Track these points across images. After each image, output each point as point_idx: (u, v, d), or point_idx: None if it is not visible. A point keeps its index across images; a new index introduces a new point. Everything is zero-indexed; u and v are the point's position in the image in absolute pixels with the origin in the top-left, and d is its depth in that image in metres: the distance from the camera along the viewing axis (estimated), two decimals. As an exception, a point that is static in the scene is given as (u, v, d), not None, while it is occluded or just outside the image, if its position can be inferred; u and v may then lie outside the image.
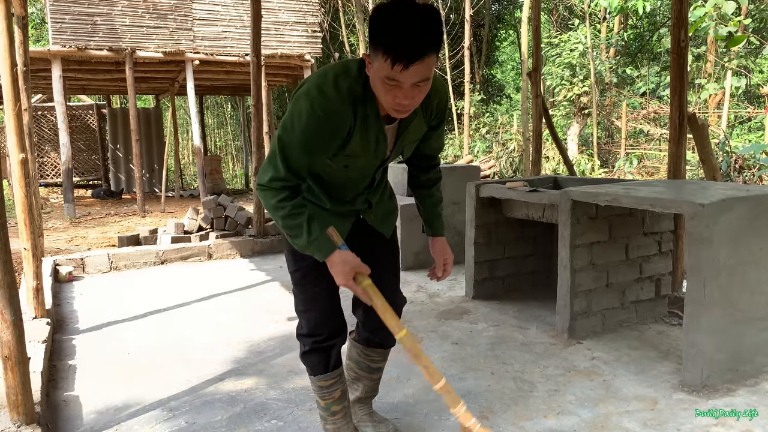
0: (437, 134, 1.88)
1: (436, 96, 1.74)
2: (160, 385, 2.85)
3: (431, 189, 2.06)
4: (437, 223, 2.08)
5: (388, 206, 2.03)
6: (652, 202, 2.80)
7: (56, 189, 14.06)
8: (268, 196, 1.67)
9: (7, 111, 3.09)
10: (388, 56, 1.45)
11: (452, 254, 2.07)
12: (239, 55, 10.78)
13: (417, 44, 1.44)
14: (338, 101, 1.59)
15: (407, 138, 1.79)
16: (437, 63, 1.54)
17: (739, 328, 2.68)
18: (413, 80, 1.48)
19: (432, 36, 1.46)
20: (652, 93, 14.31)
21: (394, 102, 1.54)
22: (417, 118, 1.74)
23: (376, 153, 1.75)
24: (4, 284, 2.14)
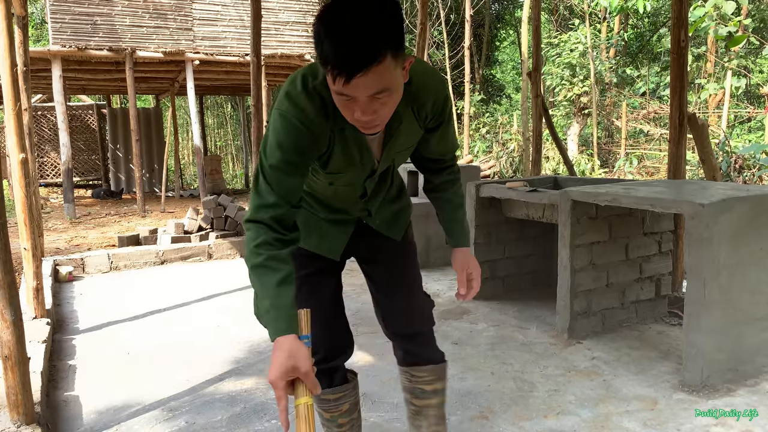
0: (439, 136, 1.63)
1: (429, 96, 1.50)
2: (160, 385, 2.85)
3: (447, 193, 1.79)
4: (458, 232, 1.81)
5: (395, 208, 1.81)
6: (652, 202, 2.80)
7: (56, 189, 14.05)
8: (251, 236, 1.37)
9: (7, 111, 3.09)
10: (327, 69, 1.21)
11: (478, 266, 1.78)
12: (239, 55, 10.78)
13: (355, 54, 1.16)
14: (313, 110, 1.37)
15: (396, 147, 1.56)
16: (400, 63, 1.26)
17: (739, 328, 2.68)
18: (366, 93, 1.22)
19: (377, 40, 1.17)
20: (652, 93, 14.31)
21: (354, 118, 1.29)
22: (405, 123, 1.50)
23: (362, 166, 1.55)
24: (4, 284, 2.14)
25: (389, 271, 1.82)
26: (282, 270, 1.33)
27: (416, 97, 1.45)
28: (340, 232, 1.74)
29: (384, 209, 1.77)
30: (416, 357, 1.84)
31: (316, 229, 1.74)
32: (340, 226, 1.74)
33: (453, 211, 1.81)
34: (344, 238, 1.75)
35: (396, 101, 1.30)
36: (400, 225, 1.82)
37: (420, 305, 1.85)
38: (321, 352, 1.73)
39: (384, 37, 1.18)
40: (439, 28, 17.58)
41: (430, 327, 1.86)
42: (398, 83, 1.27)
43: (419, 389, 1.86)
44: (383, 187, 1.73)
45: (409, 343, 1.83)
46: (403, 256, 1.85)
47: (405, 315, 1.82)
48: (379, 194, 1.73)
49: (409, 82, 1.39)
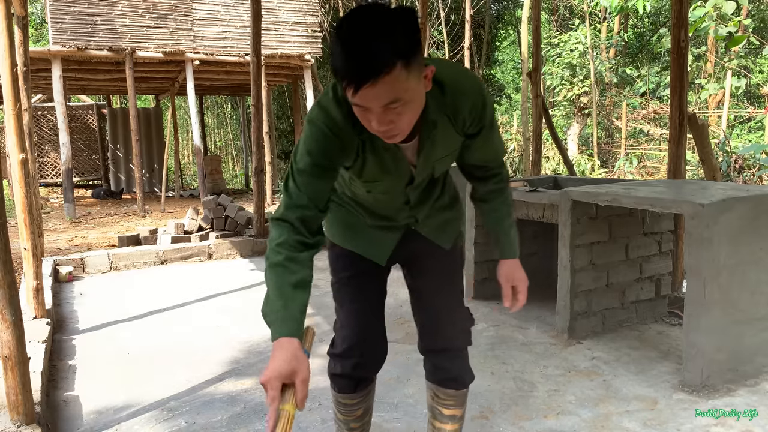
0: (481, 142, 1.54)
1: (466, 102, 1.43)
2: (160, 385, 2.85)
3: (493, 202, 1.73)
4: (504, 243, 1.75)
5: (445, 217, 1.75)
6: (652, 202, 2.80)
7: (56, 189, 14.05)
8: (274, 235, 1.38)
9: (7, 111, 3.09)
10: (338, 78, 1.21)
11: (525, 279, 1.73)
12: (239, 55, 10.78)
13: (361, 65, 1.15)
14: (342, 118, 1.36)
15: (433, 155, 1.51)
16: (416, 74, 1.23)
17: (739, 328, 2.68)
18: (378, 103, 1.20)
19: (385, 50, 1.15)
20: (652, 93, 14.31)
21: (371, 128, 1.27)
22: (440, 130, 1.45)
23: (399, 175, 1.52)
24: (4, 284, 2.14)
25: (431, 280, 1.78)
26: (299, 273, 1.33)
27: (450, 103, 1.41)
28: (387, 237, 1.72)
29: (433, 217, 1.72)
30: (444, 373, 1.78)
31: (364, 233, 1.72)
32: (387, 231, 1.71)
33: (499, 222, 1.75)
34: (391, 244, 1.72)
35: (414, 111, 1.27)
36: (450, 233, 1.77)
37: (457, 320, 1.78)
38: (355, 357, 1.71)
39: (393, 48, 1.15)
40: (439, 28, 17.58)
41: (464, 345, 1.79)
42: (414, 93, 1.24)
43: (438, 410, 1.83)
44: (431, 195, 1.68)
45: (439, 357, 1.78)
46: (448, 266, 1.79)
47: (439, 328, 1.76)
48: (427, 201, 1.68)
49: (442, 88, 1.37)
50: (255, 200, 6.05)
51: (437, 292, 1.77)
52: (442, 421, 1.83)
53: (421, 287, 1.79)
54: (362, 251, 1.72)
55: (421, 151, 1.47)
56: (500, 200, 1.73)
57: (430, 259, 1.76)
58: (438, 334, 1.76)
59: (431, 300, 1.77)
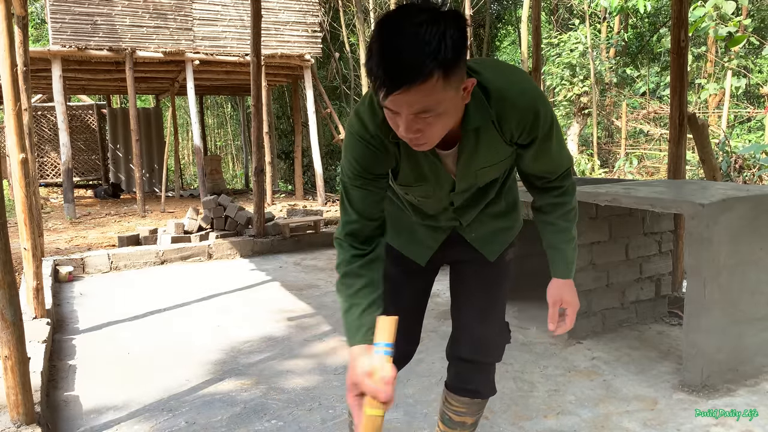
0: (536, 153, 1.44)
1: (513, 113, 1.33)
2: (160, 385, 2.85)
3: (551, 215, 1.61)
4: (557, 260, 1.61)
5: (497, 225, 1.67)
6: (652, 202, 2.80)
7: (56, 189, 14.05)
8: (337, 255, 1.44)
9: (7, 111, 3.09)
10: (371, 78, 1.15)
11: (576, 303, 1.58)
12: (239, 55, 10.78)
13: (396, 69, 1.08)
14: (374, 127, 1.33)
15: (475, 163, 1.42)
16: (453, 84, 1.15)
17: (739, 328, 2.68)
18: (409, 111, 1.15)
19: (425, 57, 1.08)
20: (652, 93, 14.31)
21: (399, 133, 1.22)
22: (485, 139, 1.37)
23: (438, 181, 1.46)
24: (4, 284, 2.14)
25: (469, 289, 1.72)
26: (355, 284, 1.37)
27: (496, 112, 1.33)
28: (431, 237, 1.66)
29: (481, 224, 1.64)
30: (464, 383, 1.73)
31: (407, 230, 1.68)
32: (432, 231, 1.66)
33: (554, 236, 1.61)
34: (433, 245, 1.66)
35: (446, 123, 1.21)
36: (499, 244, 1.69)
37: (491, 334, 1.71)
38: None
39: (434, 56, 1.08)
40: (439, 28, 17.56)
41: (492, 360, 1.73)
42: (449, 105, 1.17)
43: (447, 416, 1.79)
44: (481, 200, 1.59)
45: (462, 366, 1.73)
46: (490, 278, 1.71)
47: (468, 338, 1.71)
48: (475, 207, 1.60)
49: (487, 95, 1.30)
50: (255, 200, 6.05)
51: (473, 302, 1.72)
52: (450, 426, 1.79)
53: (459, 293, 1.76)
54: (403, 249, 1.69)
55: (460, 160, 1.41)
56: (559, 214, 1.60)
57: (472, 268, 1.71)
58: (465, 344, 1.71)
59: (466, 309, 1.72)
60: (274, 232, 6.22)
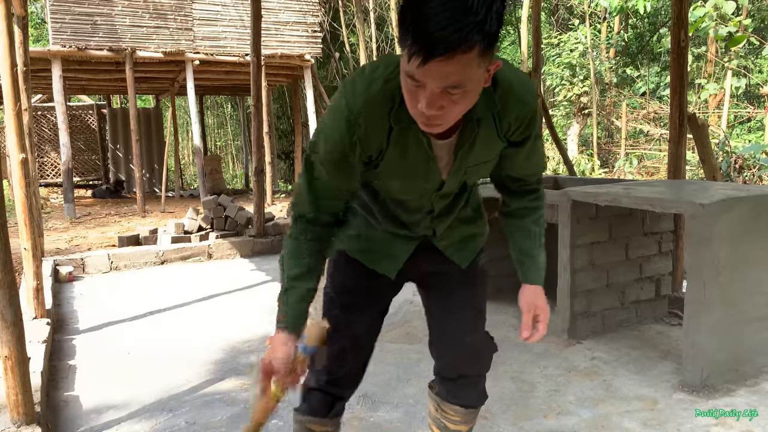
0: (525, 152, 1.39)
1: (515, 105, 1.28)
2: (160, 385, 2.85)
3: (524, 220, 1.54)
4: (529, 266, 1.54)
5: (467, 231, 1.58)
6: (652, 202, 2.80)
7: (56, 189, 14.04)
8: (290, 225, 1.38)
9: (7, 111, 3.09)
10: (406, 43, 1.04)
11: (548, 308, 1.51)
12: (239, 55, 10.78)
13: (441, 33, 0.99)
14: (364, 99, 1.22)
15: (470, 159, 1.33)
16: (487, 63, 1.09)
17: (739, 328, 2.68)
18: (439, 83, 1.06)
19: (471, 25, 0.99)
20: (652, 93, 14.31)
21: (417, 110, 1.12)
22: (483, 132, 1.29)
23: (426, 177, 1.34)
24: (4, 284, 2.14)
25: (449, 301, 1.61)
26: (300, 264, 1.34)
27: (500, 104, 1.27)
28: (400, 248, 1.54)
29: (452, 230, 1.55)
30: (457, 399, 1.66)
31: (373, 241, 1.55)
32: (401, 241, 1.54)
33: (528, 242, 1.55)
34: (403, 256, 1.55)
35: (468, 104, 1.14)
36: (471, 251, 1.60)
37: (480, 345, 1.63)
38: (336, 373, 1.57)
39: (479, 26, 1.00)
40: (440, 28, 17.56)
41: (484, 372, 1.66)
42: (477, 84, 1.11)
43: (443, 423, 1.71)
44: (456, 206, 1.50)
45: (452, 384, 1.64)
46: (469, 285, 1.62)
47: (460, 353, 1.62)
48: (451, 214, 1.50)
49: (495, 86, 1.23)
50: (255, 200, 6.05)
51: (458, 315, 1.61)
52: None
53: (440, 309, 1.64)
54: (370, 262, 1.55)
55: (458, 152, 1.31)
56: (532, 219, 1.54)
57: (448, 281, 1.60)
58: (456, 360, 1.62)
59: (451, 323, 1.61)
60: (274, 232, 6.22)
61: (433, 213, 1.47)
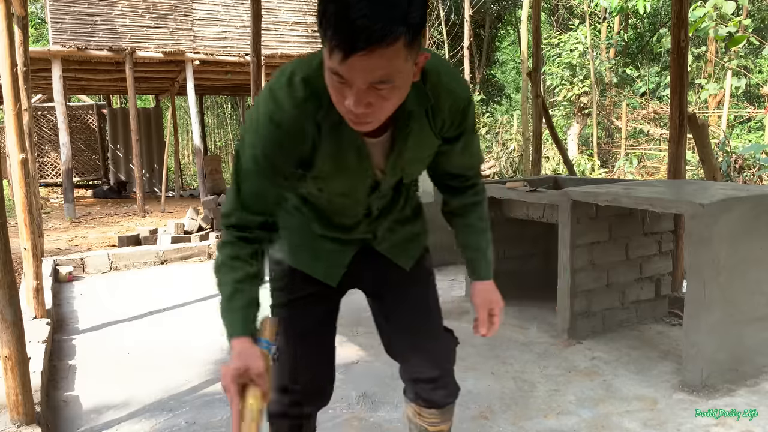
0: (461, 148, 1.37)
1: (447, 98, 1.25)
2: (160, 385, 2.85)
3: (469, 217, 1.52)
4: (480, 263, 1.54)
5: (408, 232, 1.54)
6: (652, 202, 2.80)
7: (56, 189, 14.04)
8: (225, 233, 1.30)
9: (7, 111, 3.09)
10: (326, 38, 1.00)
11: (501, 301, 1.52)
12: (239, 55, 10.78)
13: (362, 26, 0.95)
14: (292, 106, 1.16)
15: (405, 156, 1.30)
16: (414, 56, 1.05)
17: (739, 328, 2.68)
18: (365, 79, 1.01)
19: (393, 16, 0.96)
20: (652, 93, 14.31)
21: (344, 107, 1.08)
22: (417, 128, 1.26)
23: (361, 177, 1.30)
24: (4, 284, 2.14)
25: (403, 306, 1.56)
26: (240, 270, 1.25)
27: (432, 98, 1.24)
28: (340, 253, 1.49)
29: (393, 232, 1.50)
30: (430, 401, 1.60)
31: (311, 248, 1.48)
32: (340, 245, 1.48)
33: (475, 238, 1.53)
34: (344, 261, 1.49)
35: (398, 100, 1.10)
36: (413, 252, 1.56)
37: (441, 346, 1.60)
38: (295, 394, 1.49)
39: (402, 17, 0.97)
40: (439, 28, 17.59)
41: (451, 367, 1.62)
42: (406, 78, 1.07)
43: (424, 428, 1.67)
44: (395, 207, 1.46)
45: (427, 387, 1.59)
46: (419, 287, 1.59)
47: (424, 358, 1.57)
48: (390, 214, 1.47)
49: (425, 80, 1.20)
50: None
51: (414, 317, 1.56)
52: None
53: (389, 316, 1.58)
54: (310, 270, 1.48)
55: (393, 150, 1.28)
56: (476, 215, 1.52)
57: (395, 283, 1.55)
58: (423, 365, 1.57)
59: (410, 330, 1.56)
60: (274, 232, 6.22)
61: (371, 215, 1.43)
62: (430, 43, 17.75)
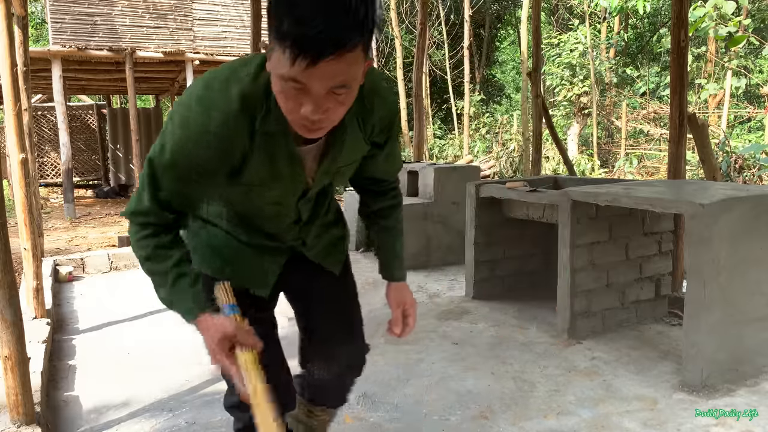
0: (386, 154, 1.41)
1: (381, 106, 1.29)
2: (160, 385, 2.85)
3: (388, 220, 1.56)
4: (395, 265, 1.57)
5: (332, 236, 1.58)
6: (652, 202, 2.80)
7: (56, 189, 14.05)
8: (131, 232, 1.28)
9: (7, 111, 3.09)
10: (286, 45, 0.98)
11: (415, 302, 1.55)
12: (239, 55, 10.77)
13: (330, 32, 0.96)
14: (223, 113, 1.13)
15: (337, 161, 1.31)
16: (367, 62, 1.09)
17: (739, 329, 2.68)
18: (326, 85, 1.02)
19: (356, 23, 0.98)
20: (652, 93, 14.31)
21: (299, 115, 1.07)
22: (350, 134, 1.27)
23: (292, 182, 1.31)
24: (4, 284, 2.14)
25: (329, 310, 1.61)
26: (172, 255, 1.25)
27: (364, 105, 1.26)
28: (270, 262, 1.49)
29: (319, 238, 1.54)
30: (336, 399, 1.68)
31: (239, 258, 1.46)
32: (270, 254, 1.48)
33: (393, 241, 1.58)
34: (275, 269, 1.50)
35: (350, 103, 1.11)
36: (339, 255, 1.60)
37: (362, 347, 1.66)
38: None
39: (361, 23, 0.99)
40: (439, 28, 17.59)
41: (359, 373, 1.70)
42: (358, 83, 1.09)
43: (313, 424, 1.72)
44: (320, 211, 1.49)
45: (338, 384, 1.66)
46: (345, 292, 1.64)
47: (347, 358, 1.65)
48: (316, 219, 1.49)
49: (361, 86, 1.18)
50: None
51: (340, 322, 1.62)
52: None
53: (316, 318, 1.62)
54: (240, 282, 1.44)
55: (326, 155, 1.29)
56: (394, 217, 1.57)
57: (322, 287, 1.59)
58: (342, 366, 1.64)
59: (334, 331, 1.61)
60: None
61: (300, 221, 1.45)
62: (430, 43, 17.76)
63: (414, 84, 6.75)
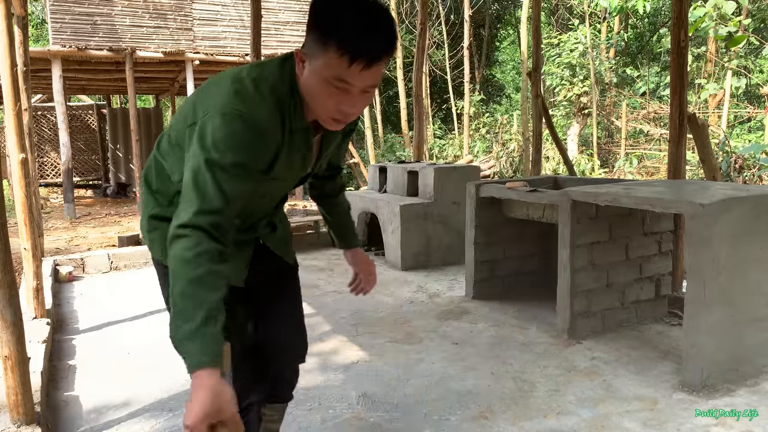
0: (346, 142, 1.64)
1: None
2: (160, 385, 2.85)
3: (338, 198, 1.83)
4: (349, 234, 1.85)
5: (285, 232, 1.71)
6: (652, 202, 2.80)
7: (56, 189, 14.04)
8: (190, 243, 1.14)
9: (7, 111, 3.09)
10: (345, 51, 1.14)
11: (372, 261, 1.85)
12: (239, 55, 10.78)
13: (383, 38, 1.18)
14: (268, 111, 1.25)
15: (330, 148, 1.54)
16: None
17: (739, 329, 2.68)
18: (367, 84, 1.21)
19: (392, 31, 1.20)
20: (652, 93, 14.31)
21: (337, 109, 1.23)
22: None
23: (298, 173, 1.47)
24: (4, 284, 2.14)
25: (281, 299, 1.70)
26: (221, 289, 1.14)
27: None
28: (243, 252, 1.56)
29: (282, 225, 1.69)
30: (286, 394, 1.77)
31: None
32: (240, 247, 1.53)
33: (345, 216, 1.85)
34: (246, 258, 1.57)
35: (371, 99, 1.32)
36: (291, 246, 1.75)
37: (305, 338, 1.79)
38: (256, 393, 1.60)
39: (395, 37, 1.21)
40: (439, 28, 17.58)
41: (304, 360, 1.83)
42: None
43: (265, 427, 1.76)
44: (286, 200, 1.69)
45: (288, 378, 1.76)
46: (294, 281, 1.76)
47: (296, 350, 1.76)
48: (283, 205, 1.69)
49: None
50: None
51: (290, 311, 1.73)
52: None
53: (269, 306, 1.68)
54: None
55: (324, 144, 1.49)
56: (343, 196, 1.85)
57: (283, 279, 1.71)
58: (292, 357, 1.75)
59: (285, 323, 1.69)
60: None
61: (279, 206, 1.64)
62: (430, 43, 17.76)
63: (414, 84, 6.75)
